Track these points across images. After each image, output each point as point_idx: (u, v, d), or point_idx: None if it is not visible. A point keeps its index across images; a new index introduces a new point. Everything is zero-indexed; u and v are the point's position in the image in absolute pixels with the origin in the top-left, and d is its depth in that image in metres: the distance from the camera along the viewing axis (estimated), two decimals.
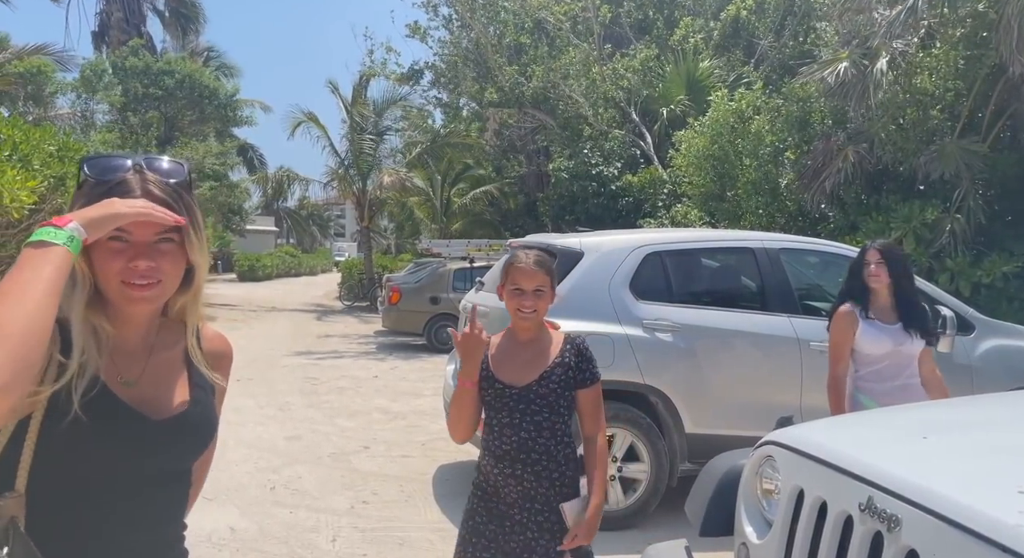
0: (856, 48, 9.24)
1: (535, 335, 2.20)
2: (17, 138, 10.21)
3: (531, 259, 2.15)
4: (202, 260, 1.20)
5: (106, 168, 1.15)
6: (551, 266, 2.17)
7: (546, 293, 2.15)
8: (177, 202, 1.16)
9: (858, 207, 9.84)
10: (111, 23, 26.61)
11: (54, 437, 1.09)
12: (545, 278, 2.14)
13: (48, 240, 1.01)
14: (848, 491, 1.71)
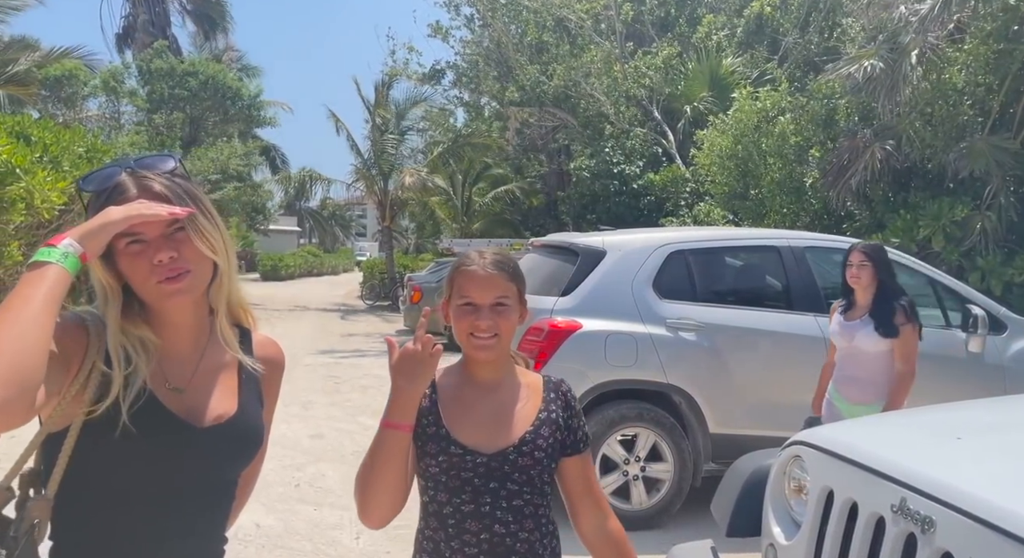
0: (883, 43, 9.10)
1: (499, 375, 1.50)
2: (47, 140, 10.40)
3: (487, 260, 1.47)
4: (219, 243, 1.17)
5: (100, 179, 1.16)
6: (516, 270, 1.50)
7: (511, 308, 1.46)
8: (174, 191, 1.15)
9: (885, 205, 9.69)
10: (137, 25, 27.00)
11: (94, 444, 1.09)
12: (509, 286, 1.46)
13: (42, 260, 1.03)
14: (880, 492, 1.68)
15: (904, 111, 9.07)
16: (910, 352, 3.34)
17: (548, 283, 4.61)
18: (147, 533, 1.13)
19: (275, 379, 1.33)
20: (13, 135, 8.95)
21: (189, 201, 1.15)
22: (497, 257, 1.49)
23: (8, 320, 0.97)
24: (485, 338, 1.43)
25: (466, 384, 1.50)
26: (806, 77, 13.44)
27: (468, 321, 1.44)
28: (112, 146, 12.77)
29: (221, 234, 1.19)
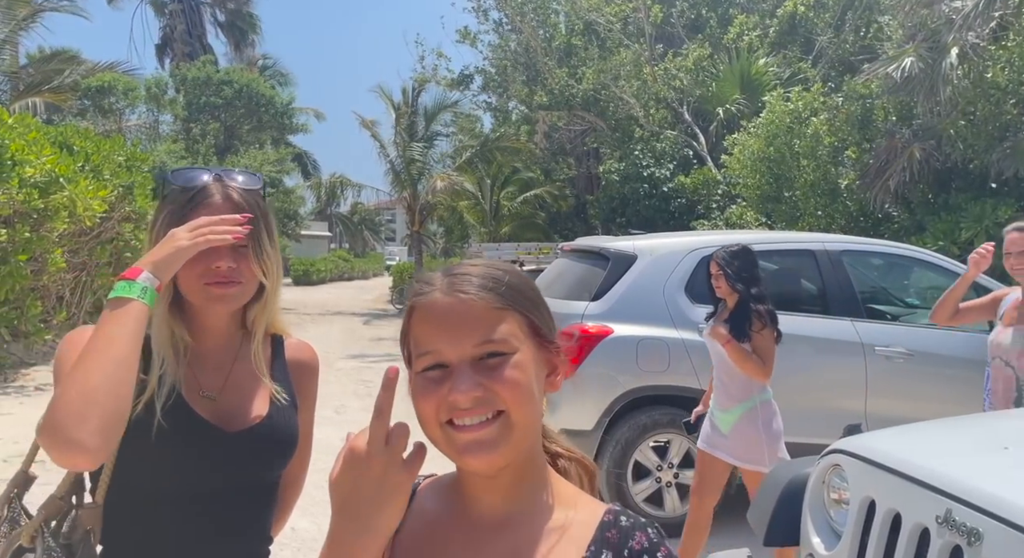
0: (923, 42, 8.91)
1: (512, 500, 0.81)
2: (89, 150, 10.69)
3: (460, 279, 0.80)
4: (271, 268, 1.20)
5: (189, 177, 1.20)
6: (519, 290, 0.81)
7: (517, 360, 0.77)
8: (251, 206, 1.19)
9: (925, 206, 9.48)
10: (174, 36, 27.63)
11: (132, 450, 1.11)
12: (506, 318, 0.78)
13: (124, 296, 1.05)
14: (925, 503, 1.64)
15: (945, 110, 8.86)
16: (765, 357, 3.19)
17: (578, 288, 4.60)
18: (190, 534, 1.15)
19: (309, 382, 1.35)
20: (57, 145, 9.23)
21: (261, 220, 1.18)
22: (482, 270, 0.80)
23: (99, 364, 0.99)
24: (474, 427, 0.74)
25: (453, 518, 0.82)
26: (841, 77, 13.22)
27: (437, 397, 0.75)
28: (150, 155, 13.08)
29: (276, 260, 1.22)
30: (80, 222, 8.83)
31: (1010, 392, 2.95)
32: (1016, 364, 2.94)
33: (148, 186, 11.21)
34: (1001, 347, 3.03)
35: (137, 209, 10.61)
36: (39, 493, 1.24)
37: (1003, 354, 3.01)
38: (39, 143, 8.32)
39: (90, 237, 9.63)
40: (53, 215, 8.21)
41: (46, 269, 8.48)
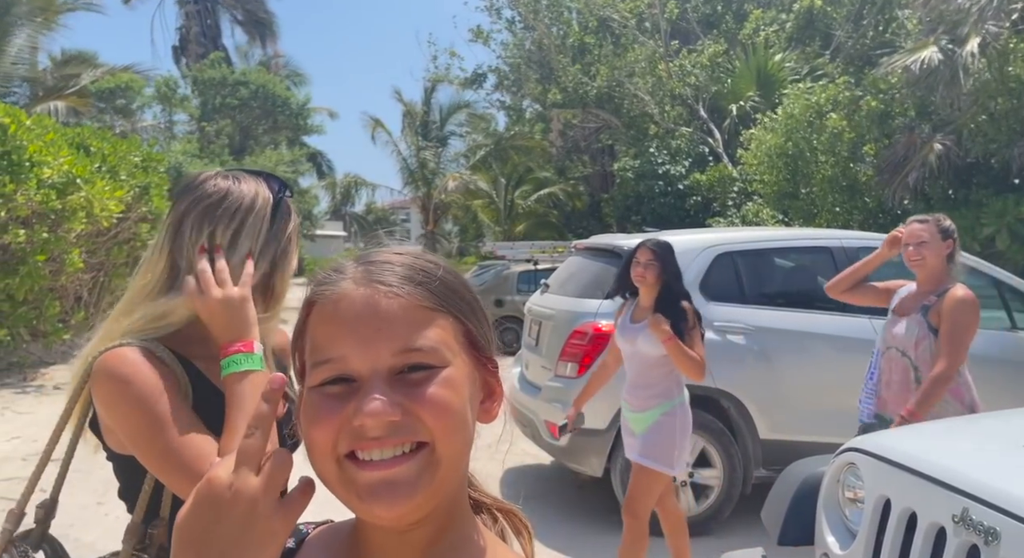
0: (943, 35, 8.79)
1: (431, 554, 0.62)
2: (106, 150, 10.79)
3: (380, 268, 0.61)
4: (284, 286, 1.26)
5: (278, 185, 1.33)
6: (449, 284, 0.63)
7: (446, 374, 0.60)
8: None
9: (945, 202, 9.36)
10: (190, 37, 27.89)
11: None
12: (434, 320, 0.60)
13: (251, 368, 1.12)
14: (941, 502, 1.61)
15: (965, 105, 8.74)
16: (701, 356, 3.06)
17: (592, 286, 4.57)
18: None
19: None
20: (74, 146, 9.34)
21: (275, 240, 1.25)
22: (408, 260, 0.63)
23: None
24: (384, 463, 0.56)
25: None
26: (859, 72, 13.06)
27: (337, 421, 0.57)
28: (166, 155, 13.21)
29: (288, 277, 1.29)
30: (97, 222, 8.92)
31: (908, 383, 2.87)
32: (913, 354, 2.87)
33: (164, 186, 11.31)
34: (897, 337, 2.94)
35: (153, 209, 10.71)
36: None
37: (899, 344, 2.93)
38: (57, 144, 8.42)
39: (107, 237, 9.73)
40: (71, 216, 8.30)
41: (64, 269, 8.58)
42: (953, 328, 2.76)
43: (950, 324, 2.76)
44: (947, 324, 2.77)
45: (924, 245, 2.91)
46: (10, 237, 7.61)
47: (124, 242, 10.22)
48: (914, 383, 2.85)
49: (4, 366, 8.37)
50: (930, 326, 2.82)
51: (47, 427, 4.59)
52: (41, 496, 1.28)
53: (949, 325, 2.76)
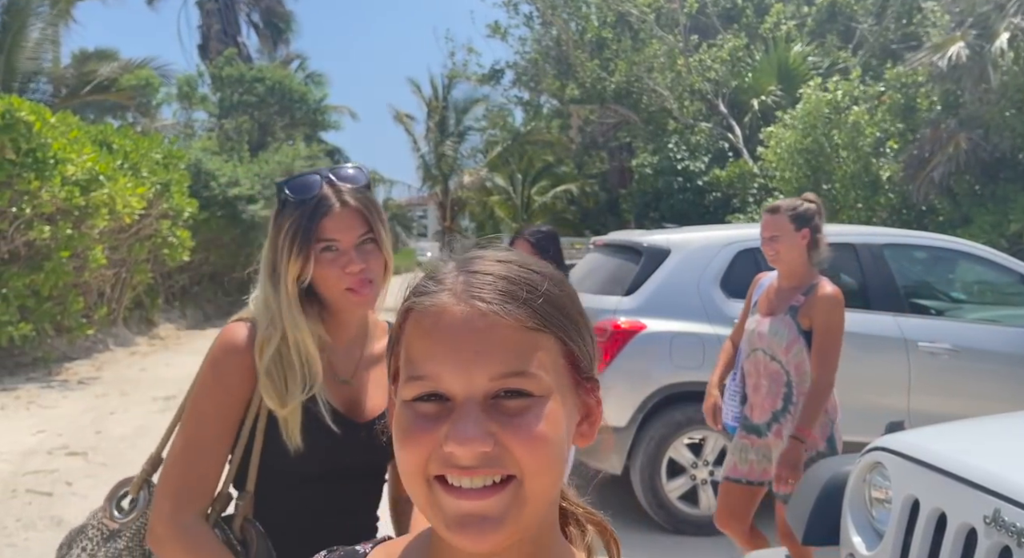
0: (970, 29, 8.62)
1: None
2: (127, 148, 10.90)
3: (480, 283, 0.58)
4: (388, 250, 1.31)
5: (302, 187, 1.26)
6: (562, 304, 0.61)
7: (550, 411, 0.57)
8: (366, 206, 1.27)
9: (971, 198, 9.20)
10: (211, 35, 28.11)
11: (274, 441, 1.22)
12: (535, 343, 0.58)
13: None
14: (971, 503, 1.58)
15: (993, 99, 8.57)
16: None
17: (611, 283, 4.55)
18: (323, 511, 1.26)
19: None
20: (96, 143, 9.44)
21: (375, 215, 1.27)
22: (511, 270, 0.59)
23: None
24: (474, 493, 0.56)
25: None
26: (882, 66, 12.88)
27: (430, 442, 0.56)
28: (186, 152, 13.32)
29: (390, 247, 1.31)
30: (119, 219, 9.03)
31: (778, 387, 2.67)
32: (784, 358, 2.65)
33: (184, 183, 11.42)
34: (764, 339, 2.69)
35: (174, 206, 10.82)
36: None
37: (766, 346, 2.68)
38: (80, 142, 8.53)
39: (129, 234, 9.84)
40: (94, 212, 8.41)
41: (87, 265, 8.69)
42: (827, 331, 2.59)
43: (824, 327, 2.58)
44: (820, 328, 2.58)
45: (775, 240, 2.67)
46: (35, 233, 7.73)
47: (146, 238, 10.34)
48: (785, 388, 2.67)
49: (29, 361, 8.50)
50: (799, 328, 2.63)
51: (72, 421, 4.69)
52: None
53: (823, 328, 2.58)
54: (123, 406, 6.80)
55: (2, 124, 7.11)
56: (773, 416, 2.70)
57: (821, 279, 2.67)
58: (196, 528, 1.19)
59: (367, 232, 1.25)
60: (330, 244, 1.23)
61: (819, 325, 2.58)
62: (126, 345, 10.40)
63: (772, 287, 2.82)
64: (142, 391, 7.45)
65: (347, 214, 1.23)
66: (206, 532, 1.19)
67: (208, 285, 14.94)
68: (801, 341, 2.63)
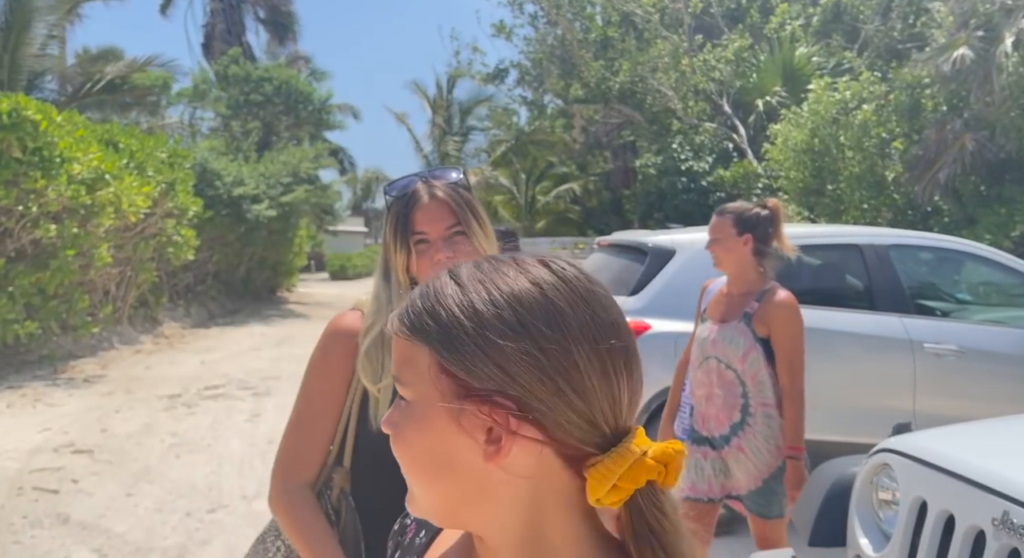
0: (976, 30, 8.60)
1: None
2: (133, 147, 10.92)
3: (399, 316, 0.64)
4: (491, 249, 1.35)
5: (400, 186, 1.39)
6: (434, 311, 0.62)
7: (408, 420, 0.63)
8: (455, 199, 1.34)
9: (977, 199, 9.17)
10: (215, 34, 28.16)
11: (363, 422, 1.33)
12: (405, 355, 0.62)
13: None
14: (980, 505, 1.58)
15: (999, 100, 8.55)
16: None
17: (615, 283, 4.54)
18: (402, 493, 1.30)
19: None
20: (102, 142, 9.47)
21: (466, 209, 1.34)
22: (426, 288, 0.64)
23: None
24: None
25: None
26: (888, 66, 12.85)
27: None
28: (192, 151, 13.35)
29: (491, 243, 1.35)
30: (125, 218, 9.06)
31: (734, 398, 2.53)
32: (739, 367, 2.52)
33: (189, 182, 11.45)
34: (717, 347, 2.57)
35: (179, 205, 10.84)
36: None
37: (720, 355, 2.56)
38: (86, 141, 8.55)
39: (134, 233, 9.87)
40: (100, 211, 8.43)
41: (93, 264, 8.72)
42: (790, 339, 2.47)
43: (786, 336, 2.47)
44: (783, 336, 2.47)
45: (716, 243, 2.59)
46: (41, 232, 7.76)
47: (151, 237, 10.37)
48: (742, 398, 2.55)
49: (35, 359, 8.53)
50: (755, 335, 2.50)
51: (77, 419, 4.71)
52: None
53: (786, 337, 2.47)
54: (128, 404, 6.82)
55: (9, 123, 7.13)
56: (731, 429, 2.56)
57: (774, 285, 2.55)
58: (300, 494, 1.31)
59: (455, 224, 1.31)
60: (422, 236, 1.31)
61: (781, 334, 2.47)
62: (131, 343, 10.43)
63: (722, 293, 2.70)
64: (147, 389, 7.48)
65: (435, 206, 1.32)
66: (308, 499, 1.32)
67: (212, 284, 14.97)
68: (758, 349, 2.50)
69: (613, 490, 0.56)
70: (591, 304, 0.59)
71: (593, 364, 0.57)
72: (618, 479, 0.56)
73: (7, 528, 3.95)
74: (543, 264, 0.61)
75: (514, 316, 0.57)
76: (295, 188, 15.63)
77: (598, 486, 0.56)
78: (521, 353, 0.56)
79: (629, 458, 0.56)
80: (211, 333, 12.25)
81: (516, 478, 0.58)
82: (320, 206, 22.60)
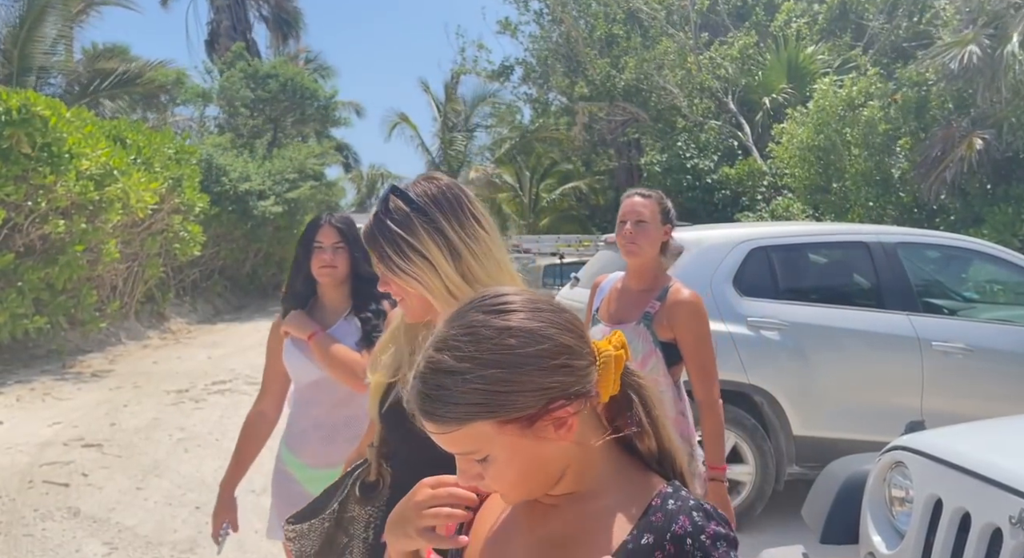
0: (982, 28, 8.57)
1: (569, 491, 0.85)
2: (141, 143, 10.93)
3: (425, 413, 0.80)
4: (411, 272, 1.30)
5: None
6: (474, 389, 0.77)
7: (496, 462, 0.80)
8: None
9: (983, 197, 9.15)
10: (220, 31, 28.16)
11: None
12: (462, 438, 0.80)
13: None
14: (997, 503, 1.58)
15: (1006, 98, 8.52)
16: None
17: None
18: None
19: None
20: (110, 138, 9.49)
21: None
22: (426, 383, 0.79)
23: None
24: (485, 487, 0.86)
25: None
26: (893, 64, 12.82)
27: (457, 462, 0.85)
28: (198, 148, 13.37)
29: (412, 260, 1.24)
30: (133, 213, 9.08)
31: None
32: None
33: (196, 178, 11.47)
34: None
35: (186, 201, 10.87)
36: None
37: None
38: (95, 137, 8.57)
39: (141, 228, 9.90)
40: (108, 207, 8.46)
41: (101, 259, 8.75)
42: (699, 341, 2.18)
43: (693, 338, 2.18)
44: (690, 339, 2.18)
45: (642, 227, 2.27)
46: (50, 227, 7.78)
47: (158, 233, 10.40)
48: None
49: (43, 353, 8.56)
50: (656, 338, 2.20)
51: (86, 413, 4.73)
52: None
53: (694, 340, 2.18)
54: (136, 399, 6.85)
55: (18, 118, 7.15)
56: None
57: (674, 282, 2.28)
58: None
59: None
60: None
61: (687, 337, 2.18)
62: (138, 339, 10.47)
63: (616, 290, 2.41)
64: (155, 384, 7.51)
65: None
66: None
67: (218, 280, 15.01)
68: (658, 354, 2.20)
69: (613, 383, 0.81)
70: (534, 317, 0.80)
71: (577, 347, 0.79)
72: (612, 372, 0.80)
73: (19, 521, 3.98)
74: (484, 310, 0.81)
75: (510, 346, 0.77)
76: (301, 184, 15.65)
77: (608, 385, 0.81)
78: (539, 369, 0.76)
79: (611, 359, 0.81)
80: (217, 328, 12.28)
81: (572, 436, 0.79)
82: (325, 203, 22.63)
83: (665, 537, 0.76)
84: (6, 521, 3.97)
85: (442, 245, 1.23)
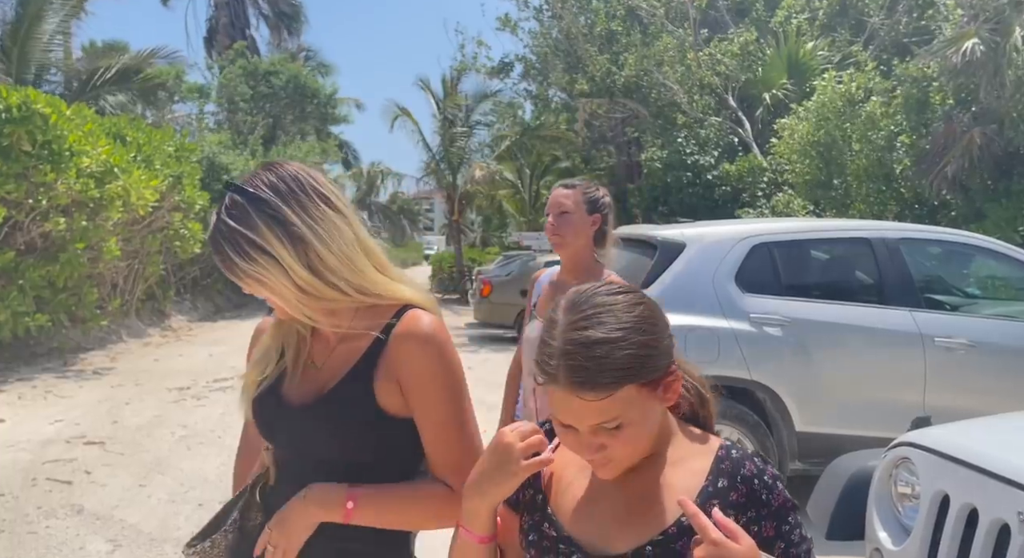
0: (984, 23, 8.55)
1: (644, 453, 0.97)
2: (141, 140, 10.91)
3: (581, 381, 0.90)
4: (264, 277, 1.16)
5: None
6: (638, 356, 0.90)
7: (629, 423, 0.92)
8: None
9: (984, 193, 9.14)
10: (219, 28, 28.10)
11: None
12: (618, 395, 0.90)
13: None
14: (1005, 499, 1.58)
15: (1008, 94, 8.50)
16: None
17: (625, 277, 4.52)
18: (287, 495, 1.20)
19: (406, 356, 1.18)
20: (111, 136, 9.47)
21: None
22: (606, 339, 0.87)
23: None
24: (596, 461, 0.93)
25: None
26: (893, 60, 12.79)
27: (569, 441, 0.94)
28: (198, 145, 13.35)
29: (261, 265, 1.12)
30: (133, 211, 9.07)
31: None
32: None
33: (196, 176, 11.45)
34: None
35: (186, 199, 10.86)
36: None
37: None
38: (95, 134, 8.56)
39: (142, 226, 9.89)
40: (108, 204, 8.44)
41: (102, 257, 8.74)
42: None
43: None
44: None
45: (566, 218, 2.22)
46: (51, 225, 7.78)
47: (158, 230, 10.39)
48: None
49: (45, 351, 8.56)
50: None
51: (88, 411, 4.73)
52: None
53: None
54: (138, 396, 6.85)
55: (19, 116, 7.14)
56: None
57: (610, 274, 2.25)
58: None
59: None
60: None
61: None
62: (139, 336, 10.47)
63: (553, 286, 2.36)
64: (156, 381, 7.51)
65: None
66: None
67: (219, 277, 15.01)
68: None
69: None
70: (640, 294, 0.97)
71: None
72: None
73: (22, 519, 3.98)
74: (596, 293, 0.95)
75: (644, 316, 0.91)
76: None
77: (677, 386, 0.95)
78: (667, 335, 0.92)
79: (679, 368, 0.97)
80: (218, 326, 12.28)
81: (676, 397, 0.95)
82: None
83: (736, 479, 0.93)
84: (10, 519, 3.97)
85: (282, 235, 1.11)
